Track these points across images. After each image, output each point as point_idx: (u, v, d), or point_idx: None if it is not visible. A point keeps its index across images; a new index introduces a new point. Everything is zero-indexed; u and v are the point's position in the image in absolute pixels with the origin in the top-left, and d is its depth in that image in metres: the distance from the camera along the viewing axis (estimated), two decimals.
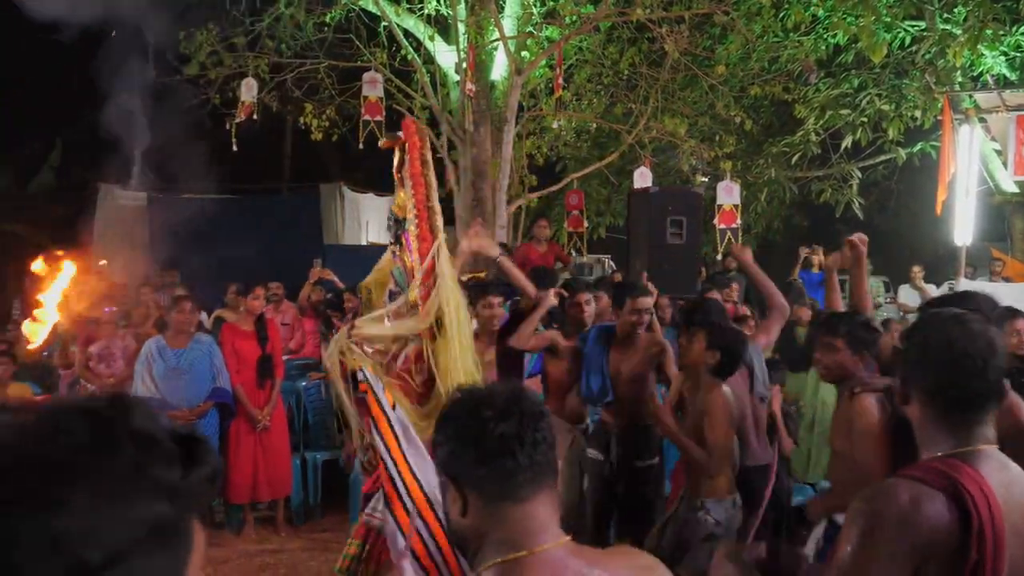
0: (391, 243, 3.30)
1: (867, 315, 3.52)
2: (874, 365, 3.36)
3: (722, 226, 9.19)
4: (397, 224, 3.20)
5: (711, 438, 3.68)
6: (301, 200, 16.09)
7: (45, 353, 7.18)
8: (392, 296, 3.28)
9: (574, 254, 11.07)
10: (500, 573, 1.36)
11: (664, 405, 4.25)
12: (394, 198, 3.25)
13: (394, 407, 2.86)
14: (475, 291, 4.56)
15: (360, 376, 2.87)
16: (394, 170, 3.20)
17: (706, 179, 11.39)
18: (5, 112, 18.61)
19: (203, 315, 7.23)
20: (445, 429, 1.44)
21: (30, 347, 6.82)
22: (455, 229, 9.69)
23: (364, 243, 15.16)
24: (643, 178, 9.43)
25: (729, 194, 9.22)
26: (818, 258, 8.92)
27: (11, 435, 0.66)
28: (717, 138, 10.74)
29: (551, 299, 4.64)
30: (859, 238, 3.67)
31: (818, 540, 3.29)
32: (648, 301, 4.66)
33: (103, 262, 10.80)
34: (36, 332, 6.35)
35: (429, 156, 3.12)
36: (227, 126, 9.46)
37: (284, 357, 6.57)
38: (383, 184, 15.95)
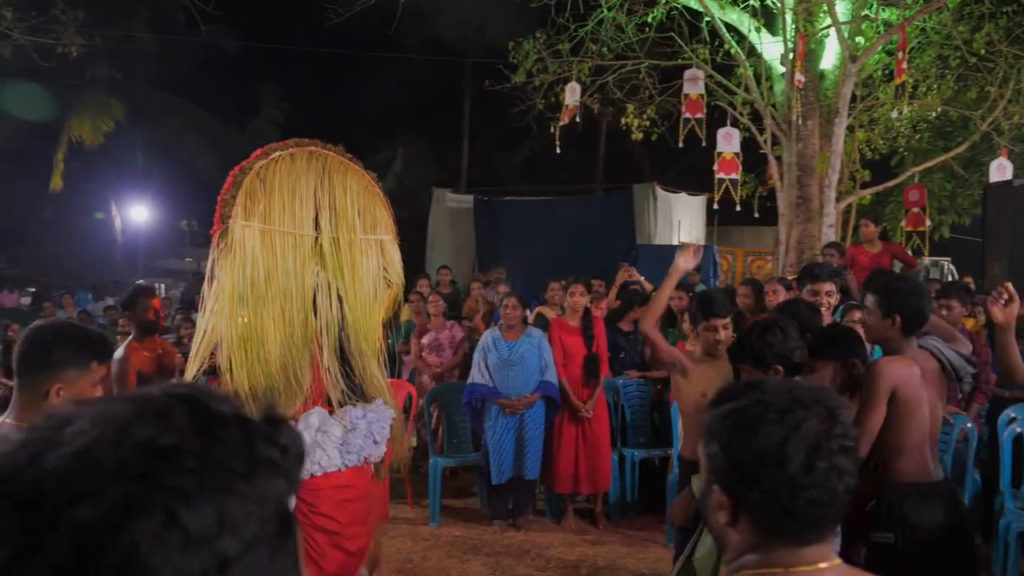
0: None
1: None
2: None
3: None
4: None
5: None
6: (614, 200, 16.32)
7: (389, 341, 7.96)
8: None
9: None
10: None
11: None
12: None
13: None
14: (701, 309, 4.07)
15: None
16: None
17: None
18: (356, 127, 21.03)
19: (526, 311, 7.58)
20: (740, 444, 1.29)
21: None
22: (778, 227, 9.25)
23: (676, 243, 15.01)
24: (1002, 170, 8.33)
25: None
26: None
27: (111, 430, 0.59)
28: None
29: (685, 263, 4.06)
30: None
31: None
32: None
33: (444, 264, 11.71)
34: None
35: (258, 165, 3.53)
36: (551, 129, 9.81)
37: None
38: (696, 183, 15.73)
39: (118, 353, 4.83)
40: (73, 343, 2.36)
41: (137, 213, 22.11)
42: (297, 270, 3.61)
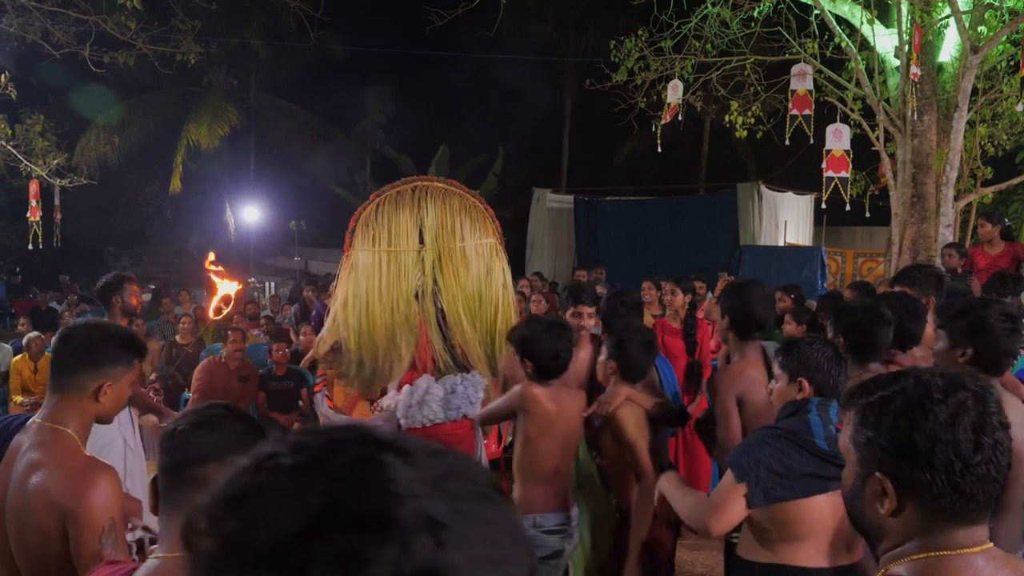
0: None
1: None
2: None
3: None
4: None
5: None
6: (718, 200, 16.01)
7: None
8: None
9: None
10: (917, 570, 1.31)
11: None
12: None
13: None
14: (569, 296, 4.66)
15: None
16: None
17: None
18: (458, 128, 21.33)
19: None
20: (911, 426, 1.30)
21: None
22: (891, 227, 8.87)
23: (781, 244, 14.60)
24: None
25: None
26: None
27: (362, 465, 0.56)
28: None
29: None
30: None
31: None
32: None
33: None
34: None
35: (372, 204, 4.83)
36: (653, 128, 9.67)
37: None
38: (803, 182, 15.26)
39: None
40: (117, 340, 2.32)
41: (249, 213, 22.96)
42: (401, 277, 4.70)
